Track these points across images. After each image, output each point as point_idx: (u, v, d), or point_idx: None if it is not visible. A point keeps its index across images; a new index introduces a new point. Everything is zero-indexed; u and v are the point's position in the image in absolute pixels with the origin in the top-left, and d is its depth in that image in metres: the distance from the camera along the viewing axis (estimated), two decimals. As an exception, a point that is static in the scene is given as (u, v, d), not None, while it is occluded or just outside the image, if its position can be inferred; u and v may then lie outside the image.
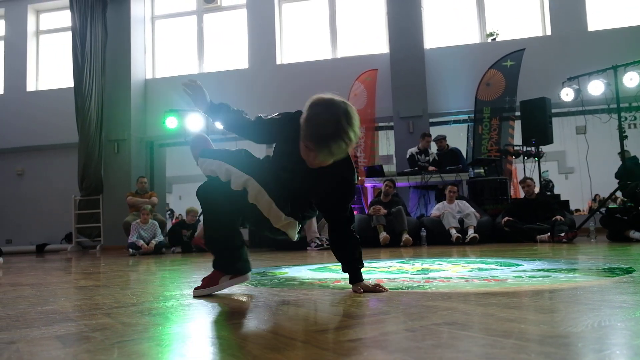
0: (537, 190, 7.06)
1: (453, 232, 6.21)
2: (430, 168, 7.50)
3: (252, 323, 1.46)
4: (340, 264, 2.08)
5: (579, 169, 9.78)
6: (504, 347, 1.01)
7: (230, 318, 1.54)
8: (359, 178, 8.59)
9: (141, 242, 6.89)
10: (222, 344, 1.19)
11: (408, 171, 7.50)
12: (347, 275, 2.07)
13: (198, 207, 7.99)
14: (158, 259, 5.72)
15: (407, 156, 7.94)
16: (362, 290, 1.97)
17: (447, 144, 8.17)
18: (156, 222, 7.34)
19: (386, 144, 9.58)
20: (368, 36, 10.04)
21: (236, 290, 2.16)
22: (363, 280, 2.03)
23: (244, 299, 1.97)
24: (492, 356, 0.95)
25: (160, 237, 7.15)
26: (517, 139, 8.36)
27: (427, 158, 7.81)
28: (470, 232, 6.16)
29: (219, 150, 2.03)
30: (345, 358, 1.00)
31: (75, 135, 9.80)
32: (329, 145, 1.70)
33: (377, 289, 1.98)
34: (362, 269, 2.06)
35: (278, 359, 1.01)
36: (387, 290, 1.97)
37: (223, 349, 1.14)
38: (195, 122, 8.60)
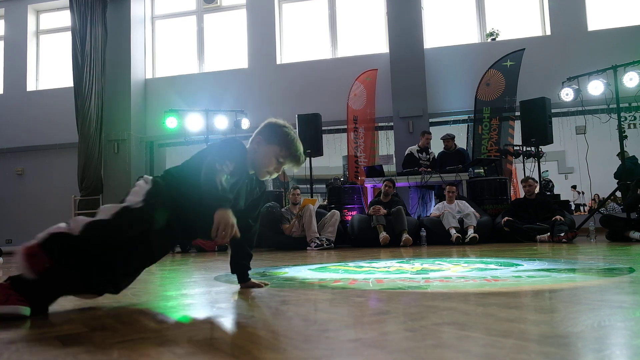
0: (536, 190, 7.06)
1: (453, 232, 6.21)
2: (422, 169, 7.45)
3: (252, 323, 1.46)
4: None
5: (578, 169, 9.78)
6: (504, 347, 1.01)
7: (230, 318, 1.54)
8: (360, 178, 8.59)
9: None
10: (222, 344, 1.19)
11: (408, 171, 7.49)
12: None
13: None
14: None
15: (406, 153, 7.89)
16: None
17: (455, 144, 8.11)
18: None
19: (386, 144, 9.58)
20: (368, 36, 10.04)
21: (236, 290, 2.16)
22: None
23: (244, 299, 1.96)
24: (492, 356, 0.95)
25: None
26: (517, 139, 8.36)
27: (428, 156, 7.78)
28: (470, 232, 6.16)
29: None
30: (346, 358, 1.00)
31: (75, 135, 9.80)
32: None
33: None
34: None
35: (278, 359, 1.01)
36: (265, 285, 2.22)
37: (223, 349, 1.14)
38: (195, 122, 8.60)
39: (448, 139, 7.97)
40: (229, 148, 1.96)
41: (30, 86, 10.99)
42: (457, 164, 7.48)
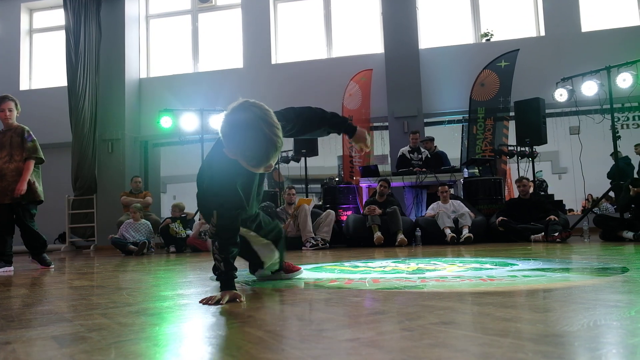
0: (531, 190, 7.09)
1: (448, 232, 6.23)
2: (416, 169, 7.48)
3: (249, 323, 1.45)
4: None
5: (572, 169, 9.84)
6: (500, 346, 1.01)
7: (226, 318, 1.54)
8: (355, 178, 8.60)
9: (130, 241, 6.80)
10: (219, 344, 1.19)
11: (403, 171, 7.50)
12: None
13: (186, 204, 7.91)
14: (154, 259, 5.69)
15: (398, 155, 7.94)
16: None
17: (435, 146, 8.18)
18: (148, 222, 7.28)
19: (381, 144, 9.60)
20: (363, 36, 10.05)
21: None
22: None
23: (240, 299, 1.96)
24: (490, 355, 0.96)
25: (144, 237, 6.99)
26: (511, 139, 8.40)
27: (420, 156, 7.79)
28: (465, 232, 6.18)
29: None
30: (343, 357, 1.00)
31: (68, 134, 9.74)
32: (270, 158, 1.71)
33: None
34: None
35: (276, 359, 1.01)
36: None
37: (220, 348, 1.14)
38: (190, 122, 8.57)
39: (427, 141, 8.10)
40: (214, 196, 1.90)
41: (24, 85, 10.92)
42: (436, 167, 7.53)
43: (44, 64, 11.12)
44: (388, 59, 9.28)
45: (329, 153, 9.91)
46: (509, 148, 8.24)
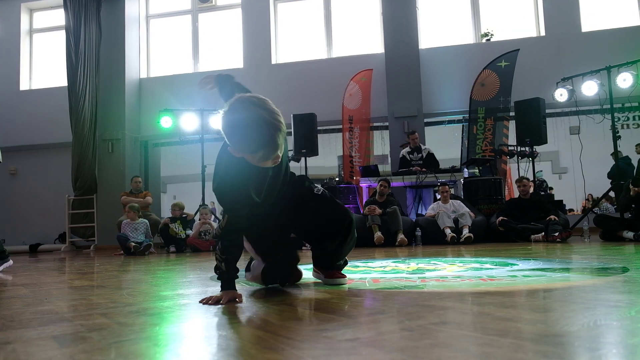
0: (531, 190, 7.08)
1: (448, 231, 6.23)
2: (415, 168, 7.47)
3: (249, 323, 1.46)
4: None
5: (572, 169, 9.84)
6: (501, 346, 1.01)
7: (226, 318, 1.54)
8: (355, 178, 8.60)
9: (131, 243, 6.77)
10: (219, 344, 1.19)
11: (403, 171, 7.51)
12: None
13: (186, 204, 7.90)
14: (154, 259, 5.69)
15: (399, 157, 7.95)
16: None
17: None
18: (146, 221, 7.26)
19: (381, 143, 9.60)
20: (363, 36, 10.05)
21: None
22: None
23: (240, 299, 1.96)
24: (490, 355, 0.96)
25: (142, 237, 6.96)
26: (512, 139, 8.39)
27: (420, 154, 7.79)
28: (465, 232, 6.18)
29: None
30: (343, 357, 1.00)
31: (69, 134, 9.75)
32: (278, 143, 1.68)
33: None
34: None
35: (276, 359, 1.01)
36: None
37: (220, 348, 1.14)
38: (190, 122, 8.57)
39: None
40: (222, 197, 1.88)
41: (24, 85, 10.92)
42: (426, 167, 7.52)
43: (44, 64, 11.12)
44: (388, 59, 9.28)
45: (329, 153, 9.91)
46: (509, 148, 8.23)
